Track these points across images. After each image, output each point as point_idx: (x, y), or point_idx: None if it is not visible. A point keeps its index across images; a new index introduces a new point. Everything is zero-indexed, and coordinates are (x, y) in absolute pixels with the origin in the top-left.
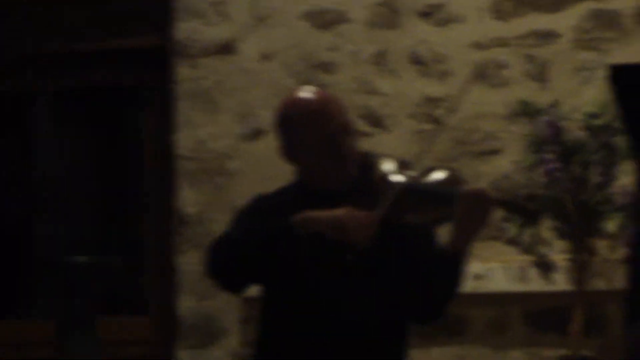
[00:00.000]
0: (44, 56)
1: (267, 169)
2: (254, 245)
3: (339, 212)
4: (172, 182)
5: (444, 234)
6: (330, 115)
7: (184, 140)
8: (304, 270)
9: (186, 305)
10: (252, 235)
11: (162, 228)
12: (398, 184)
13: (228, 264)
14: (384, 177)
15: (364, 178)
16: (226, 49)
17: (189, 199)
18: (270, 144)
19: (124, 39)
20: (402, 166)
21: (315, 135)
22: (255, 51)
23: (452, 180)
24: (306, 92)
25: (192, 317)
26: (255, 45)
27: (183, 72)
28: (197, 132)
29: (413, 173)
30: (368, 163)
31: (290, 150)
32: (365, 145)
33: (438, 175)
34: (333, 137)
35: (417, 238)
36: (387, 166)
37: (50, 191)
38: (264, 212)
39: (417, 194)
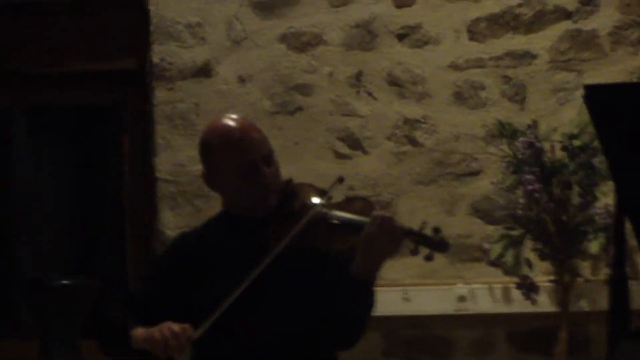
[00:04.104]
0: (25, 74)
1: None
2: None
3: (155, 330)
4: (153, 204)
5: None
6: (251, 143)
7: (163, 163)
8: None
9: None
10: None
11: (143, 250)
12: (312, 212)
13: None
14: (303, 205)
15: (285, 206)
16: (203, 71)
17: (169, 221)
18: None
19: (103, 61)
20: (322, 195)
21: (235, 163)
22: (232, 74)
23: (366, 210)
24: (228, 120)
25: None
26: (231, 68)
27: (160, 95)
28: (176, 155)
29: (332, 202)
30: (290, 191)
31: (212, 177)
32: (344, 167)
33: (355, 204)
34: (253, 166)
35: (331, 266)
36: (308, 194)
37: (30, 211)
38: (186, 251)
39: (329, 222)
